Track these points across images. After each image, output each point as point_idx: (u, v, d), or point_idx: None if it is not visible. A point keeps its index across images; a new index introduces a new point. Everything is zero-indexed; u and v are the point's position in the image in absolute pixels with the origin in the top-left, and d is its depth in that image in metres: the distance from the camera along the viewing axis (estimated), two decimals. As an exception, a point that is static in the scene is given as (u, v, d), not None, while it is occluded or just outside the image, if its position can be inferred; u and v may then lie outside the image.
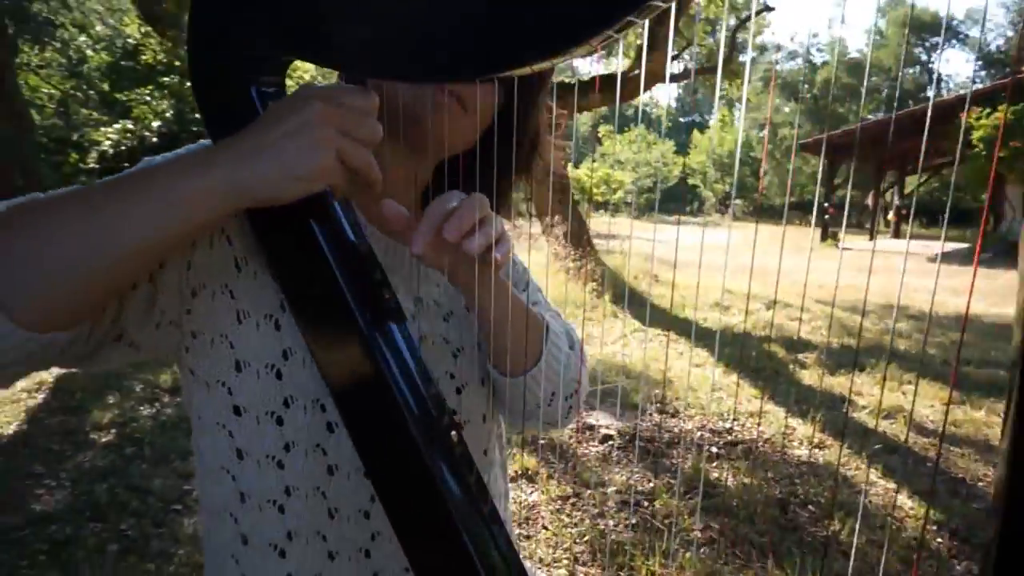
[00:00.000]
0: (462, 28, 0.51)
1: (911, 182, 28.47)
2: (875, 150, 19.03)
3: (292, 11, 0.54)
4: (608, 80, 9.11)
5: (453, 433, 0.63)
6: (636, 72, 8.56)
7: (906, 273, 11.40)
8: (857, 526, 2.70)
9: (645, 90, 8.77)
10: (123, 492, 2.94)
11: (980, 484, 3.20)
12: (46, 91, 20.86)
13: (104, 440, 3.50)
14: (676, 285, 8.65)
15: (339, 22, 0.53)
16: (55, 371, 4.69)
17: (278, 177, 0.49)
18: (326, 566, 0.68)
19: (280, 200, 0.51)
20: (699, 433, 3.66)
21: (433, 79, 0.62)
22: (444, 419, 0.63)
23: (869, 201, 23.68)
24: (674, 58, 9.81)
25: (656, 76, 8.48)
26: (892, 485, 3.14)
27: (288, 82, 0.64)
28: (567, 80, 9.14)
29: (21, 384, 4.30)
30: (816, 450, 3.52)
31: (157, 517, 2.78)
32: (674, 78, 10.29)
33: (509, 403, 0.77)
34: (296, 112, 0.50)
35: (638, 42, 9.22)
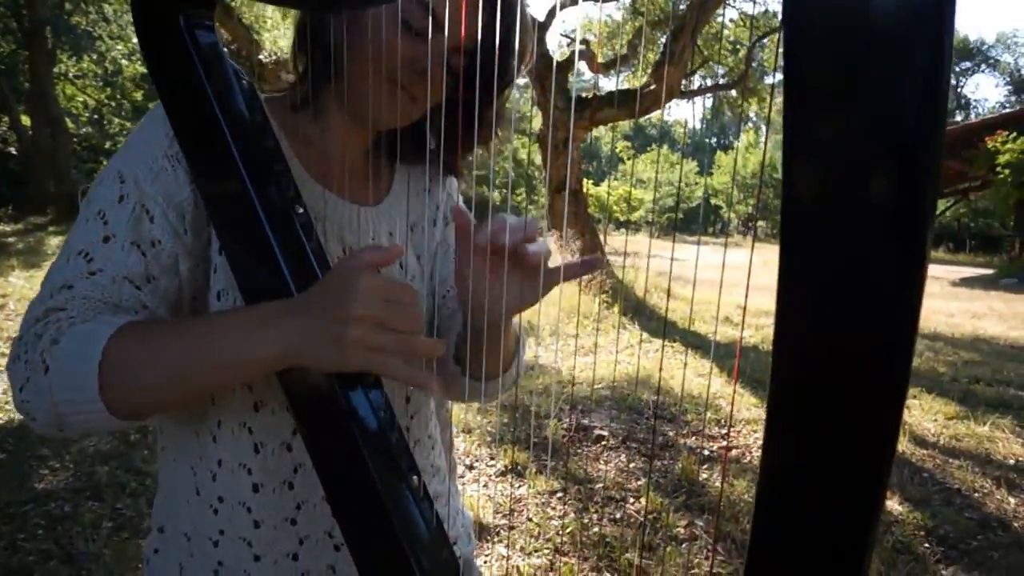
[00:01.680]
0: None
1: (938, 206, 28.01)
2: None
3: None
4: (627, 95, 9.19)
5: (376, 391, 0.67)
6: (652, 87, 8.62)
7: (927, 296, 11.23)
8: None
9: (661, 106, 8.83)
10: (122, 474, 3.02)
11: (976, 495, 3.16)
12: (81, 100, 21.49)
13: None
14: (688, 301, 8.63)
15: None
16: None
17: (318, 361, 0.59)
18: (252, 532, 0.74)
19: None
20: (694, 438, 3.66)
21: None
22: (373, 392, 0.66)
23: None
24: (691, 74, 9.86)
25: (672, 92, 8.53)
26: (884, 492, 3.11)
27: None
28: (584, 95, 9.24)
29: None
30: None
31: (152, 498, 2.84)
32: (691, 94, 10.34)
33: (466, 394, 0.84)
34: (340, 303, 0.56)
35: (655, 58, 9.31)
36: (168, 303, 0.69)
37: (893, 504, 3.00)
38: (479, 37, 0.70)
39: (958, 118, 44.74)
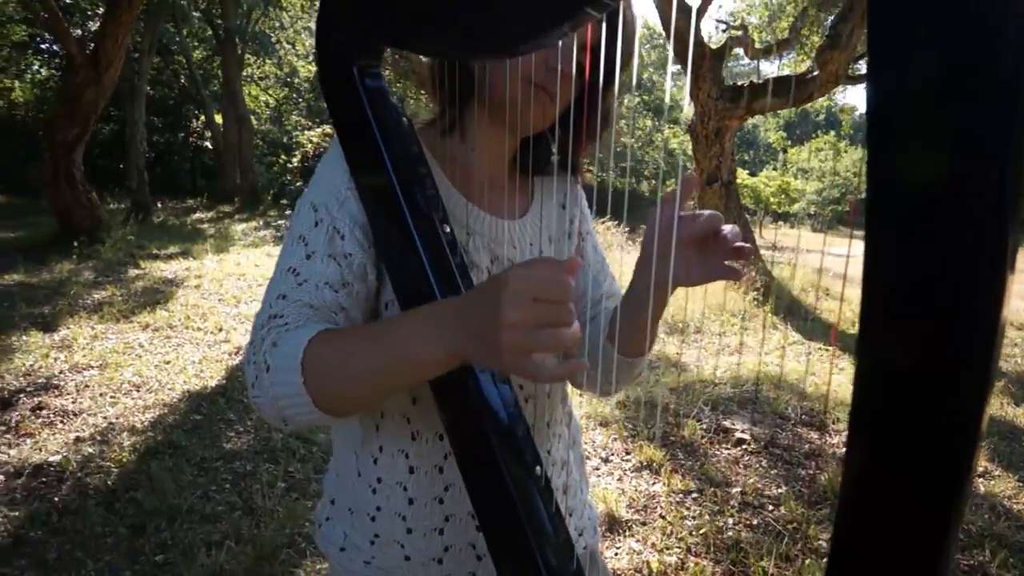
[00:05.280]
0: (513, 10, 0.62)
1: None
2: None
3: (388, 8, 0.72)
4: (786, 83, 8.73)
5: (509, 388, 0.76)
6: (816, 73, 8.11)
7: None
8: (1010, 559, 2.46)
9: (824, 93, 8.29)
10: (293, 441, 3.39)
11: None
12: (264, 100, 23.72)
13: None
14: (850, 302, 8.09)
15: (416, 18, 0.69)
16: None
17: (480, 362, 0.66)
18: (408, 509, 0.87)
19: None
20: (844, 448, 3.47)
21: (498, 56, 0.76)
22: (504, 391, 0.75)
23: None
24: (859, 58, 9.13)
25: (837, 79, 7.98)
26: (1067, 525, 2.80)
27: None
28: (740, 83, 8.88)
29: (225, 347, 5.04)
30: (979, 479, 3.21)
31: (318, 464, 3.18)
32: (860, 79, 9.58)
33: (614, 377, 0.90)
34: (493, 309, 0.58)
35: (820, 41, 8.74)
36: (361, 307, 0.80)
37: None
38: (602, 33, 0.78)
39: None
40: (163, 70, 20.24)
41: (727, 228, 0.74)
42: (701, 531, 2.62)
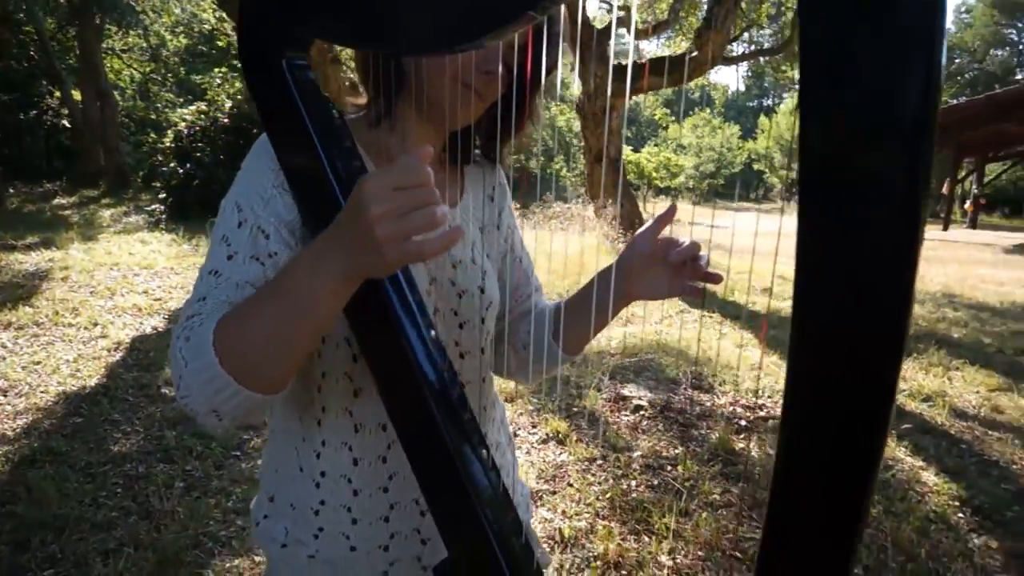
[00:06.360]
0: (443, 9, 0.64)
1: (992, 170, 27.04)
2: (952, 136, 18.19)
3: (321, 1, 0.70)
4: (667, 63, 9.06)
5: (456, 390, 0.79)
6: (695, 54, 8.48)
7: (978, 264, 10.97)
8: (874, 496, 2.75)
9: (702, 73, 8.69)
10: (189, 439, 3.24)
11: (1015, 467, 3.18)
12: (127, 74, 21.97)
13: (174, 393, 3.82)
14: (730, 270, 8.59)
15: (353, 10, 0.68)
16: (131, 332, 5.00)
17: (370, 271, 0.64)
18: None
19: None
20: (731, 408, 3.73)
21: (423, 52, 0.77)
22: (449, 377, 0.77)
23: (945, 189, 22.67)
24: (734, 39, 9.62)
25: (715, 59, 8.38)
26: (920, 463, 3.16)
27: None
28: (623, 63, 9.14)
29: (102, 343, 4.71)
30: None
31: (218, 461, 3.06)
32: (734, 60, 10.11)
33: (557, 370, 1.02)
34: (358, 213, 0.60)
35: (697, 23, 9.13)
36: None
37: (929, 475, 3.05)
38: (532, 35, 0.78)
39: (1019, 76, 42.67)
40: (8, 41, 18.28)
41: (702, 255, 0.85)
42: (607, 495, 2.76)
